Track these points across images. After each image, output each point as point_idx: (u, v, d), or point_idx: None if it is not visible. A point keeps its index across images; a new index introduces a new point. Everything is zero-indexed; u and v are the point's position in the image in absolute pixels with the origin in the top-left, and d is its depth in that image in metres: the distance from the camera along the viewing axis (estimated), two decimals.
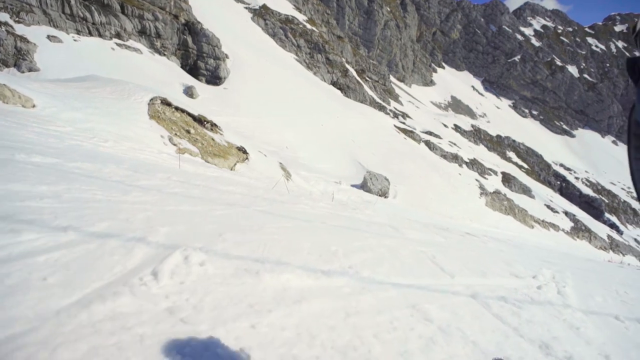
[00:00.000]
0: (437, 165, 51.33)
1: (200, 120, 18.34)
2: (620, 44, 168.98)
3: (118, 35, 33.21)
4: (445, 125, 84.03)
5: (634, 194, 72.92)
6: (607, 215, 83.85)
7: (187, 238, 3.79)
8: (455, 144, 68.80)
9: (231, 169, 17.29)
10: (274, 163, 24.04)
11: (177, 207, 5.00)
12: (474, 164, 62.10)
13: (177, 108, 16.76)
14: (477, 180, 51.10)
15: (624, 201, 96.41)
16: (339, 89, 64.32)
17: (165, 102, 16.32)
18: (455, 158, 59.64)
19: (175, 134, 15.13)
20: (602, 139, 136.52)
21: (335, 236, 5.83)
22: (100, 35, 31.71)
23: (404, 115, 77.39)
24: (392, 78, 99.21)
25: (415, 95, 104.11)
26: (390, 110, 74.64)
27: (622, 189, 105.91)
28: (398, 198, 35.99)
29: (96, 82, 16.64)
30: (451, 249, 8.00)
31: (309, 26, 69.88)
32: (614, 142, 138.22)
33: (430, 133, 68.33)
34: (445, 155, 58.41)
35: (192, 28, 40.61)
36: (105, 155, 9.46)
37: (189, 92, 34.07)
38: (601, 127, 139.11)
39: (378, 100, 75.03)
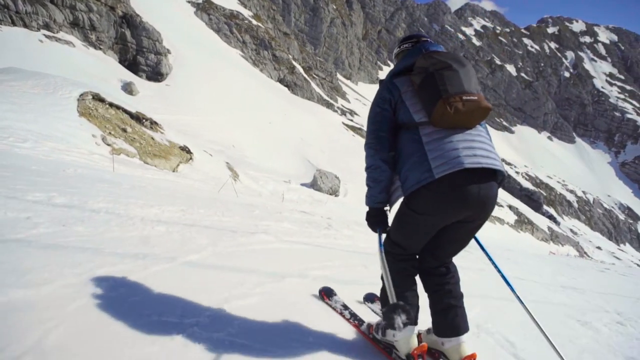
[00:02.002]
0: None
1: (138, 118, 16.91)
2: (552, 44, 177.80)
3: (47, 26, 30.71)
4: None
5: (570, 187, 77.04)
6: (545, 207, 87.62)
7: None
8: None
9: (173, 171, 16.03)
10: (220, 163, 22.85)
11: None
12: None
13: (111, 104, 15.28)
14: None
15: (560, 194, 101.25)
16: (286, 86, 63.34)
17: (98, 98, 14.81)
18: None
19: (110, 133, 13.74)
20: (539, 135, 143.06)
21: None
22: (25, 26, 29.16)
23: (352, 113, 77.47)
24: (338, 75, 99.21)
25: (362, 92, 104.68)
26: (338, 108, 74.46)
27: (558, 182, 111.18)
28: (349, 196, 35.55)
29: (16, 75, 14.91)
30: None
31: (254, 22, 68.39)
32: (549, 137, 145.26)
33: None
34: None
35: (130, 21, 38.40)
36: (21, 158, 8.14)
37: (127, 88, 32.10)
38: (537, 123, 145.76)
39: (326, 97, 74.64)
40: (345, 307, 3.06)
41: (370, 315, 3.14)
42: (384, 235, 2.57)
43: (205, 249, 3.99)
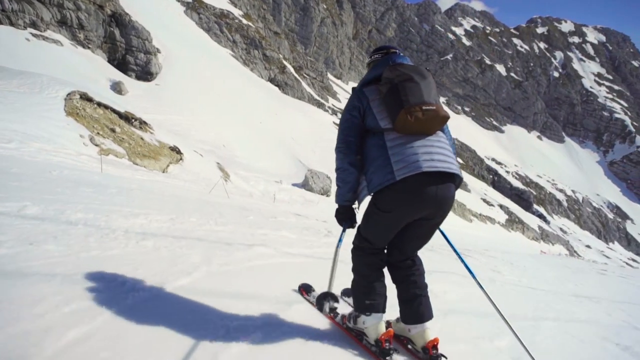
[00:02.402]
0: None
1: (127, 118, 16.61)
2: (542, 44, 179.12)
3: (34, 25, 30.15)
4: None
5: (559, 186, 77.87)
6: (535, 206, 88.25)
7: None
8: None
9: (163, 171, 15.77)
10: (211, 163, 22.60)
11: None
12: None
13: (99, 104, 14.97)
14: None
15: (550, 193, 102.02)
16: (277, 85, 63.06)
17: (86, 97, 14.49)
18: None
19: (98, 133, 13.45)
20: (529, 134, 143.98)
21: None
22: (12, 24, 28.59)
23: None
24: (329, 75, 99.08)
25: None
26: (329, 107, 74.31)
27: (548, 181, 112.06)
28: None
29: (1, 74, 14.53)
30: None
31: (244, 21, 68.01)
32: (538, 137, 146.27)
33: None
34: None
35: (119, 20, 37.90)
36: (4, 159, 7.88)
37: (117, 88, 31.67)
38: (527, 122, 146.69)
39: (316, 97, 74.45)
40: None
41: (347, 308, 3.32)
42: (353, 230, 2.86)
43: (197, 268, 3.46)
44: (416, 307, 2.67)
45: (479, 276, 6.38)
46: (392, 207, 2.47)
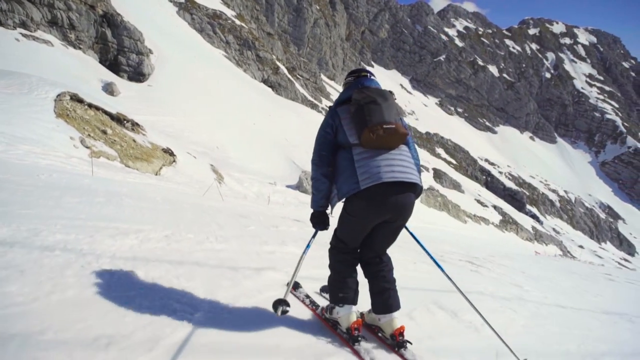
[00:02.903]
0: None
1: (119, 119, 16.30)
2: (534, 45, 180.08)
3: (24, 25, 29.71)
4: None
5: (552, 186, 78.28)
6: (528, 207, 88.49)
7: None
8: None
9: (156, 174, 15.47)
10: (204, 165, 22.31)
11: None
12: None
13: (90, 105, 14.64)
14: None
15: (543, 193, 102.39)
16: (270, 86, 62.78)
17: (77, 99, 14.17)
18: None
19: (89, 135, 13.14)
20: (521, 135, 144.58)
21: None
22: (1, 24, 28.16)
23: None
24: (322, 76, 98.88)
25: None
26: (323, 109, 74.09)
27: (541, 181, 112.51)
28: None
29: None
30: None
31: (237, 22, 67.67)
32: (531, 137, 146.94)
33: None
34: None
35: (111, 20, 37.47)
36: None
37: (108, 89, 31.28)
38: (520, 123, 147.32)
39: (310, 98, 74.22)
40: (307, 296, 3.74)
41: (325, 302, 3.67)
42: (327, 233, 3.37)
43: (198, 307, 2.88)
44: (385, 299, 3.03)
45: (504, 294, 6.11)
46: (358, 212, 2.87)
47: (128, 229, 4.70)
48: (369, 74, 3.23)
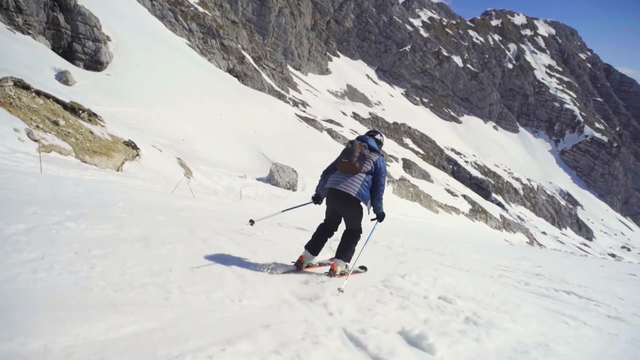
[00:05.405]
0: None
1: (73, 109, 14.60)
2: (496, 37, 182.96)
3: None
4: (344, 113, 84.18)
5: (515, 175, 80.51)
6: (494, 195, 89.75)
7: None
8: (356, 132, 68.72)
9: (118, 170, 13.93)
10: (171, 159, 20.75)
11: None
12: None
13: (39, 92, 12.92)
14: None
15: (507, 182, 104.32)
16: (236, 76, 60.89)
17: (22, 85, 12.44)
18: None
19: (37, 126, 11.51)
20: (485, 125, 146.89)
21: None
22: None
23: (304, 104, 75.96)
24: (288, 66, 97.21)
25: (312, 83, 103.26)
26: (290, 99, 72.77)
27: (505, 170, 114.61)
28: (307, 190, 34.27)
29: None
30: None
31: (200, 9, 65.19)
32: (494, 127, 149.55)
33: (331, 121, 67.60)
34: None
35: (63, 4, 34.87)
36: None
37: (62, 77, 29.00)
38: (483, 113, 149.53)
39: (277, 88, 72.69)
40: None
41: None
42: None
43: None
44: (339, 250, 5.10)
45: (554, 317, 4.93)
46: (327, 202, 5.15)
47: (61, 314, 2.58)
48: (373, 133, 5.33)
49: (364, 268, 5.77)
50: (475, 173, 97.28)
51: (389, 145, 75.87)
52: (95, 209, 5.83)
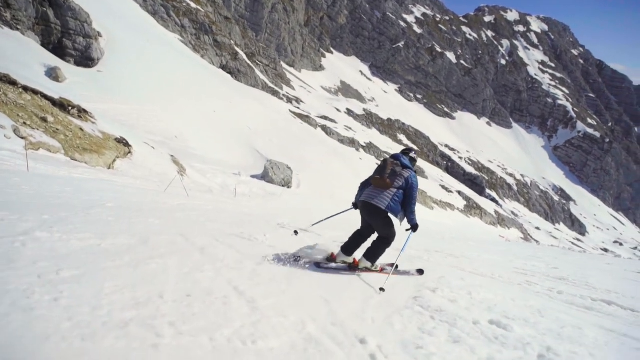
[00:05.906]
0: (337, 151, 50.21)
1: (62, 105, 14.20)
2: (489, 33, 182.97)
3: None
4: (338, 110, 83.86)
5: (509, 170, 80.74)
6: (488, 191, 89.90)
7: None
8: (351, 128, 68.58)
9: (109, 168, 13.56)
10: (164, 157, 20.36)
11: None
12: (370, 148, 62.32)
13: (26, 88, 12.52)
14: (376, 164, 51.04)
15: (501, 177, 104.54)
16: (229, 72, 60.39)
17: (8, 80, 12.04)
18: (352, 142, 59.20)
19: (24, 123, 11.13)
20: (479, 121, 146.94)
21: None
22: None
23: (298, 100, 75.54)
24: (282, 63, 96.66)
25: (305, 80, 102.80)
26: (284, 95, 72.34)
27: (498, 166, 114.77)
28: (302, 187, 34.04)
29: None
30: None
31: (193, 5, 64.55)
32: (488, 123, 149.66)
33: (325, 118, 67.30)
34: (342, 140, 57.71)
35: None
36: None
37: (53, 74, 28.52)
38: (477, 109, 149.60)
39: (271, 85, 72.22)
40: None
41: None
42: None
43: None
44: (367, 250, 5.62)
45: (622, 342, 4.42)
46: (360, 213, 5.73)
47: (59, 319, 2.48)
48: (406, 152, 5.83)
49: (420, 272, 6.22)
50: (469, 169, 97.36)
51: (383, 142, 75.73)
52: (78, 212, 5.42)
